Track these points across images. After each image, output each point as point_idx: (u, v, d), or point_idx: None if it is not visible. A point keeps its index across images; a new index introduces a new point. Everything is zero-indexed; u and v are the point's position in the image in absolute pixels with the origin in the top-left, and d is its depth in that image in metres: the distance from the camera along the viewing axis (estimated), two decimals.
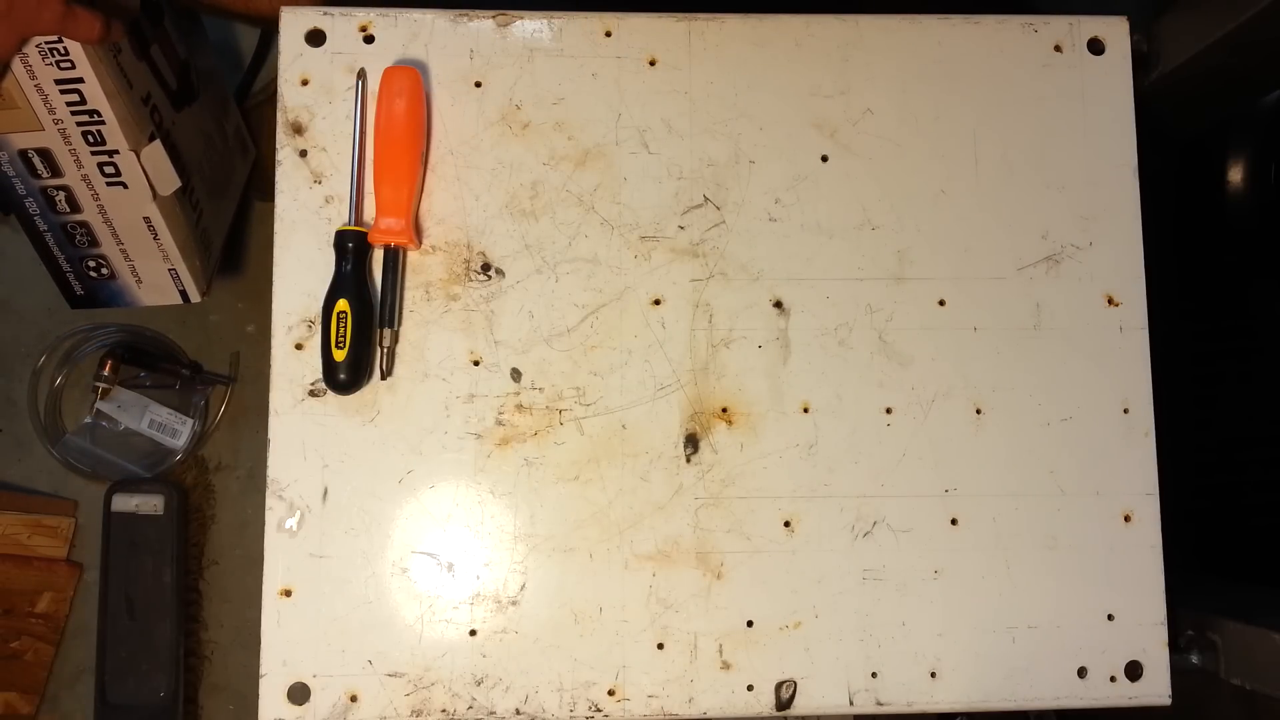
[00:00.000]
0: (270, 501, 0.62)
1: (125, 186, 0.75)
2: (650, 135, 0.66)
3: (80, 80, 0.68)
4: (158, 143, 0.76)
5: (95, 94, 0.69)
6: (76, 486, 1.09)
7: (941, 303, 0.67)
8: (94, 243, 0.79)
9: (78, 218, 0.77)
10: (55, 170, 0.74)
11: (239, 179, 1.03)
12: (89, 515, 1.08)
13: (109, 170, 0.74)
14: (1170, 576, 0.65)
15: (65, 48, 0.66)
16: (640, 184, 0.66)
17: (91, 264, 0.81)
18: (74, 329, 1.09)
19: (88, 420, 1.07)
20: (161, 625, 1.04)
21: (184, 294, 0.84)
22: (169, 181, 0.77)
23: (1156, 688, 0.65)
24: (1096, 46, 0.69)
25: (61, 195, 0.76)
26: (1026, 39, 0.69)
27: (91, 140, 0.72)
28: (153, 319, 1.10)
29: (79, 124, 0.71)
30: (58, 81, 0.68)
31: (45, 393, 1.09)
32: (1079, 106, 0.68)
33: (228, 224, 0.98)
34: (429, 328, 0.64)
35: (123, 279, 0.82)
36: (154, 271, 0.82)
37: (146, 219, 0.77)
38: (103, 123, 0.71)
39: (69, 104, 0.70)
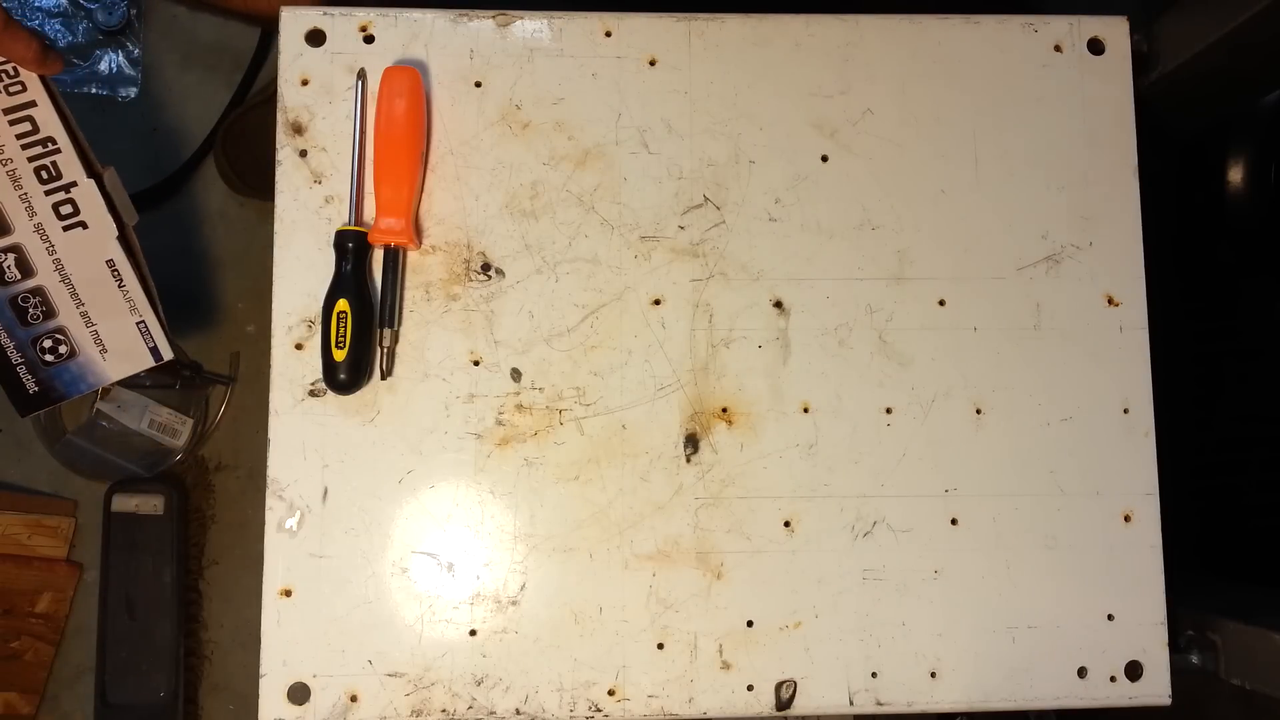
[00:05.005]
0: (270, 501, 0.62)
1: (85, 226, 0.66)
2: (650, 135, 0.66)
3: (33, 104, 0.62)
4: (113, 170, 0.67)
5: (49, 119, 0.62)
6: (76, 486, 1.09)
7: (941, 303, 0.67)
8: (50, 313, 0.67)
9: (29, 284, 0.66)
10: (4, 228, 0.65)
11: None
12: (89, 515, 1.08)
13: (66, 210, 0.65)
14: (1170, 576, 0.65)
15: (13, 69, 0.62)
16: (640, 184, 0.66)
17: (48, 343, 0.68)
18: None
19: (88, 420, 1.07)
20: (161, 625, 1.04)
21: (155, 351, 0.70)
22: (131, 210, 0.69)
23: (1156, 688, 0.65)
24: (1096, 46, 0.69)
25: (10, 259, 0.65)
26: (1026, 39, 0.69)
27: (46, 176, 0.64)
28: None
29: (30, 159, 0.63)
30: (5, 110, 0.62)
31: None
32: (1079, 106, 0.68)
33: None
34: (429, 328, 0.64)
35: (86, 353, 0.69)
36: (119, 332, 0.69)
37: (110, 262, 0.67)
38: (58, 151, 0.64)
39: (20, 136, 0.63)
